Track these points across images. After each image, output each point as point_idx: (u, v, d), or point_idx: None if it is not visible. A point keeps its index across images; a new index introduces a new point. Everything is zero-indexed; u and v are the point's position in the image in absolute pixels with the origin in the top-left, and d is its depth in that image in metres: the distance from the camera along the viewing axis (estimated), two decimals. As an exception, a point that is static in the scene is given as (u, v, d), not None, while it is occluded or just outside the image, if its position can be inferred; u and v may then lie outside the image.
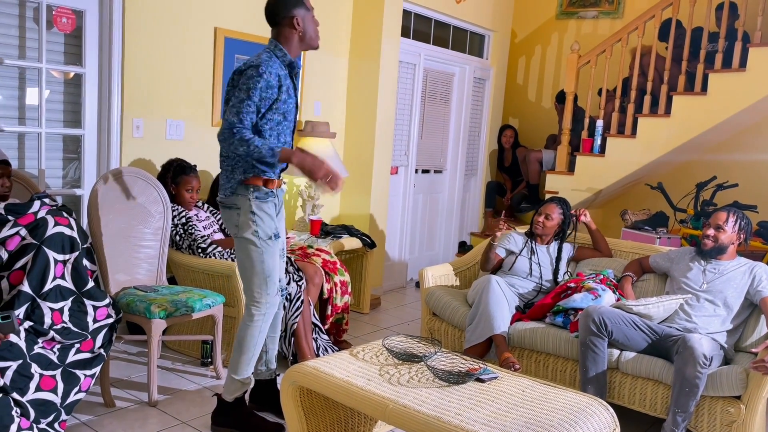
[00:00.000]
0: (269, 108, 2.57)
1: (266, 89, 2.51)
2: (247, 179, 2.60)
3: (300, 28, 2.61)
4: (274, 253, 2.68)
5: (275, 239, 2.67)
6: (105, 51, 3.55)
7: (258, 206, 2.62)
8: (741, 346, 3.09)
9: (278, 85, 2.55)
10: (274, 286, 2.72)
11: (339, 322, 3.95)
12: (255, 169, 2.60)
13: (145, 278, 3.39)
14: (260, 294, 2.69)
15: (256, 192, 2.61)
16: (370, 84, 4.85)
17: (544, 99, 6.45)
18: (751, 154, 5.23)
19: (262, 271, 2.66)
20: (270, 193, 2.64)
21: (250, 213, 2.61)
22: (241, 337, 2.73)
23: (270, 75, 2.51)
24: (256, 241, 2.63)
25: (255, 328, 2.71)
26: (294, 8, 2.60)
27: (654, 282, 3.46)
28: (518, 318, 3.40)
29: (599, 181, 5.13)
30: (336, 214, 5.09)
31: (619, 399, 3.04)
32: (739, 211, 3.18)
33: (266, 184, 2.63)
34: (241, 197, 2.62)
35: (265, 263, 2.65)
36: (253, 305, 2.70)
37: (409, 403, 2.20)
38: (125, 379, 3.29)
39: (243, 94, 2.49)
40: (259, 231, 2.62)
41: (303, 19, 2.61)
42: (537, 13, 6.37)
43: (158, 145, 3.82)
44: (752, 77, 4.49)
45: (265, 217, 2.64)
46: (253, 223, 2.62)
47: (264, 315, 2.72)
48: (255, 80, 2.49)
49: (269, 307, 2.72)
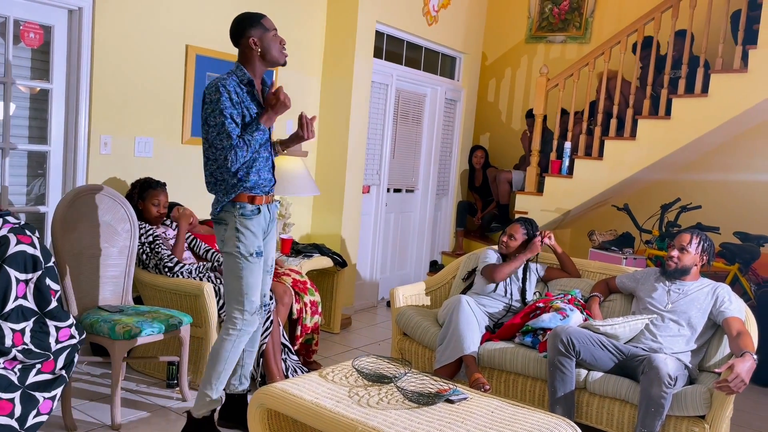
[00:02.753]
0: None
1: (231, 104, 2.59)
2: (234, 197, 2.68)
3: (257, 48, 2.68)
4: (254, 271, 2.72)
5: (257, 256, 2.72)
6: (73, 67, 3.51)
7: (242, 223, 2.69)
8: (705, 366, 3.15)
9: (239, 101, 2.63)
10: (252, 304, 2.75)
11: (309, 342, 3.91)
12: (242, 188, 2.68)
13: (111, 298, 3.32)
14: (238, 310, 2.74)
15: (241, 209, 2.69)
16: (342, 103, 4.87)
17: (514, 120, 6.55)
18: (715, 176, 5.37)
19: (240, 287, 2.72)
20: (255, 210, 2.70)
21: (234, 229, 2.69)
22: (215, 351, 2.78)
23: (229, 92, 2.60)
24: (238, 257, 2.70)
25: (229, 342, 2.76)
26: (249, 29, 2.67)
27: (620, 302, 3.51)
28: (488, 338, 3.42)
29: (567, 201, 5.21)
30: (307, 233, 5.07)
31: (586, 419, 3.07)
32: (702, 233, 3.25)
33: (252, 201, 2.70)
34: (228, 213, 2.70)
35: (244, 279, 2.71)
36: (230, 320, 2.76)
37: (378, 425, 2.18)
38: (88, 401, 3.21)
39: (219, 118, 2.58)
40: (241, 247, 2.69)
41: (260, 39, 2.67)
42: (507, 36, 6.49)
43: (126, 163, 3.77)
44: (714, 102, 4.63)
45: (249, 234, 2.70)
46: (236, 239, 2.69)
47: (239, 331, 2.76)
48: (220, 100, 2.58)
49: (245, 324, 2.76)
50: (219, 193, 2.71)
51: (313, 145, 4.98)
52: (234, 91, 2.61)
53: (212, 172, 2.70)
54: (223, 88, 2.58)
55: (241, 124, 2.63)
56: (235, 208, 2.68)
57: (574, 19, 6.13)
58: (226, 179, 2.67)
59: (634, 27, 4.96)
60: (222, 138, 2.58)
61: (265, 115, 2.66)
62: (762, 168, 5.17)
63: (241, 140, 2.58)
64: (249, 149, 2.60)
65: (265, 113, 2.66)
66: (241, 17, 2.71)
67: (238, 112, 2.61)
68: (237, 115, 2.60)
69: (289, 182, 4.34)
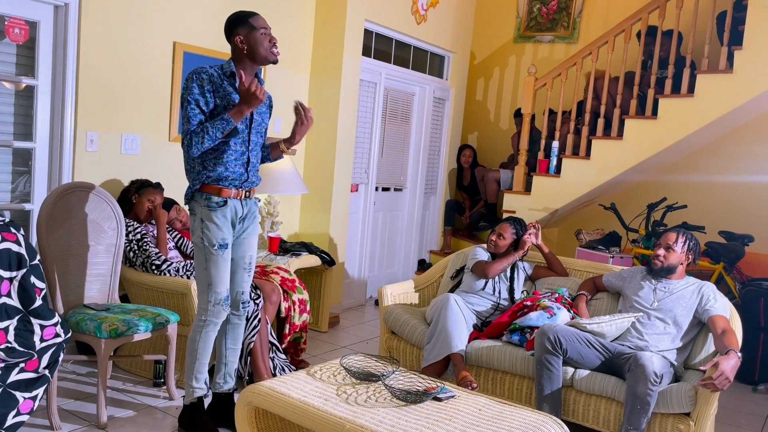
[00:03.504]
0: (211, 112, 2.68)
1: (200, 91, 2.64)
2: (201, 187, 2.73)
3: (244, 47, 2.71)
4: (219, 263, 2.76)
5: (221, 249, 2.75)
6: (59, 63, 3.48)
7: (206, 214, 2.73)
8: (690, 364, 3.18)
9: (212, 90, 2.67)
10: (217, 295, 2.79)
11: (297, 341, 3.90)
12: (206, 178, 2.72)
13: (97, 296, 3.29)
14: (204, 300, 2.81)
15: (207, 200, 2.73)
16: (331, 102, 4.86)
17: (503, 119, 6.57)
18: (700, 176, 5.42)
19: (205, 277, 2.78)
20: (221, 202, 2.74)
21: (200, 220, 2.75)
22: (188, 341, 2.87)
23: (202, 80, 2.65)
24: (202, 248, 2.75)
25: (196, 332, 2.84)
26: (237, 27, 2.72)
27: (607, 300, 3.54)
28: (475, 336, 3.43)
29: (555, 200, 5.24)
30: (295, 231, 5.06)
31: (573, 417, 3.08)
32: (688, 232, 3.28)
33: (219, 193, 2.73)
34: (196, 203, 2.76)
35: (209, 271, 2.76)
36: (199, 310, 2.84)
37: (366, 423, 2.18)
38: (73, 400, 3.18)
39: (185, 104, 2.65)
40: (204, 239, 2.74)
41: (247, 37, 2.71)
42: (495, 36, 6.51)
43: (113, 160, 3.74)
44: (700, 102, 4.67)
45: (212, 227, 2.73)
46: (200, 230, 2.74)
47: (205, 322, 2.82)
48: (190, 87, 2.64)
49: (210, 315, 2.81)
50: (190, 180, 2.78)
51: (301, 144, 4.97)
52: (209, 79, 2.66)
53: (186, 159, 2.76)
54: (196, 75, 2.65)
55: (213, 113, 2.67)
56: (202, 198, 2.74)
57: (563, 18, 6.16)
58: (193, 166, 2.74)
59: (621, 27, 4.99)
60: (184, 122, 2.64)
61: (236, 107, 2.64)
62: (746, 169, 5.22)
63: (200, 127, 2.61)
64: (207, 137, 2.60)
65: (237, 106, 2.65)
66: (232, 16, 2.77)
67: (205, 101, 2.65)
68: (204, 103, 2.64)
69: (278, 181, 4.33)
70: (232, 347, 2.99)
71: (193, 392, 2.89)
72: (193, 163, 2.73)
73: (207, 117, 2.66)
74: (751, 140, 5.22)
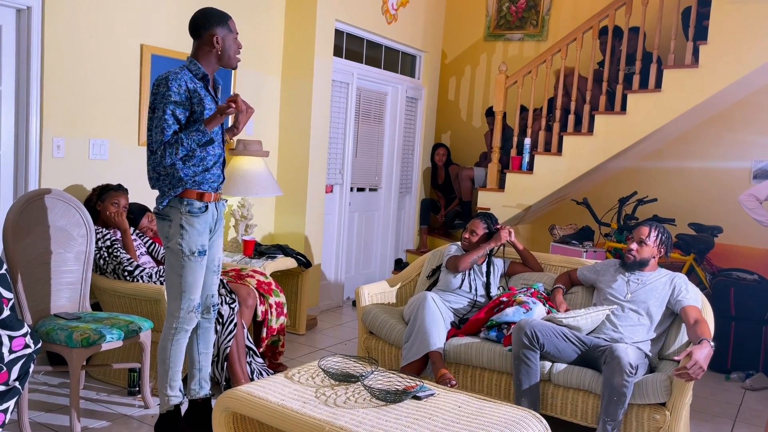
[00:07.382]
0: (187, 120, 2.61)
1: (178, 100, 2.56)
2: (181, 193, 2.64)
3: (219, 47, 2.67)
4: (196, 270, 2.71)
5: (199, 255, 2.70)
6: (23, 67, 3.40)
7: (187, 220, 2.66)
8: (664, 355, 3.22)
9: (188, 97, 2.60)
10: (190, 302, 2.74)
11: (275, 344, 3.87)
12: (190, 184, 2.65)
13: (68, 305, 3.22)
14: (175, 307, 2.74)
15: (189, 206, 2.66)
16: (303, 102, 4.84)
17: (475, 118, 6.61)
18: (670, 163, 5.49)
19: (179, 284, 2.71)
20: (203, 207, 2.68)
21: (179, 226, 2.66)
22: (159, 349, 2.82)
23: (180, 87, 2.57)
24: (179, 255, 2.68)
25: (166, 341, 2.78)
26: (217, 26, 2.65)
27: (582, 294, 3.57)
28: (453, 334, 3.43)
29: (528, 197, 5.28)
30: (270, 233, 5.02)
31: (552, 410, 3.11)
32: (660, 226, 3.33)
33: (201, 198, 2.67)
34: (173, 209, 2.67)
35: (185, 278, 2.70)
36: (168, 317, 2.77)
37: (346, 424, 2.17)
38: (44, 413, 3.11)
39: (160, 113, 2.56)
40: (184, 245, 2.66)
41: (223, 38, 2.66)
42: (466, 34, 6.54)
43: (81, 165, 3.67)
44: (667, 97, 4.74)
45: (193, 232, 2.67)
46: (180, 236, 2.66)
47: (176, 329, 2.76)
48: (166, 95, 2.56)
49: (182, 322, 2.76)
50: (164, 187, 2.66)
51: (274, 145, 4.93)
52: (185, 86, 2.58)
53: (155, 167, 2.64)
54: (173, 82, 2.55)
55: (189, 120, 2.61)
56: (182, 205, 2.65)
57: (531, 17, 6.21)
58: (170, 173, 2.63)
59: (589, 24, 5.05)
60: (158, 132, 2.56)
61: (213, 118, 2.61)
62: (713, 156, 5.31)
63: (174, 137, 2.55)
64: (182, 148, 2.56)
65: (213, 116, 2.61)
66: (209, 11, 2.68)
67: (182, 110, 2.58)
68: (180, 112, 2.58)
69: (251, 183, 4.29)
70: (205, 351, 2.94)
71: (169, 400, 2.84)
72: (170, 170, 2.63)
73: (182, 126, 2.59)
74: (717, 131, 5.30)
